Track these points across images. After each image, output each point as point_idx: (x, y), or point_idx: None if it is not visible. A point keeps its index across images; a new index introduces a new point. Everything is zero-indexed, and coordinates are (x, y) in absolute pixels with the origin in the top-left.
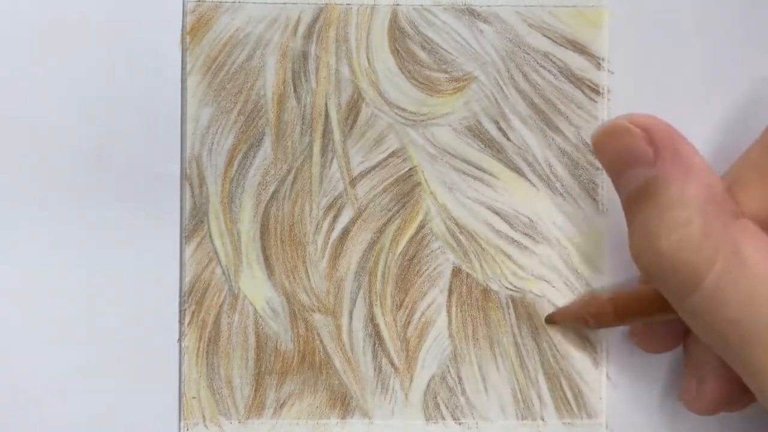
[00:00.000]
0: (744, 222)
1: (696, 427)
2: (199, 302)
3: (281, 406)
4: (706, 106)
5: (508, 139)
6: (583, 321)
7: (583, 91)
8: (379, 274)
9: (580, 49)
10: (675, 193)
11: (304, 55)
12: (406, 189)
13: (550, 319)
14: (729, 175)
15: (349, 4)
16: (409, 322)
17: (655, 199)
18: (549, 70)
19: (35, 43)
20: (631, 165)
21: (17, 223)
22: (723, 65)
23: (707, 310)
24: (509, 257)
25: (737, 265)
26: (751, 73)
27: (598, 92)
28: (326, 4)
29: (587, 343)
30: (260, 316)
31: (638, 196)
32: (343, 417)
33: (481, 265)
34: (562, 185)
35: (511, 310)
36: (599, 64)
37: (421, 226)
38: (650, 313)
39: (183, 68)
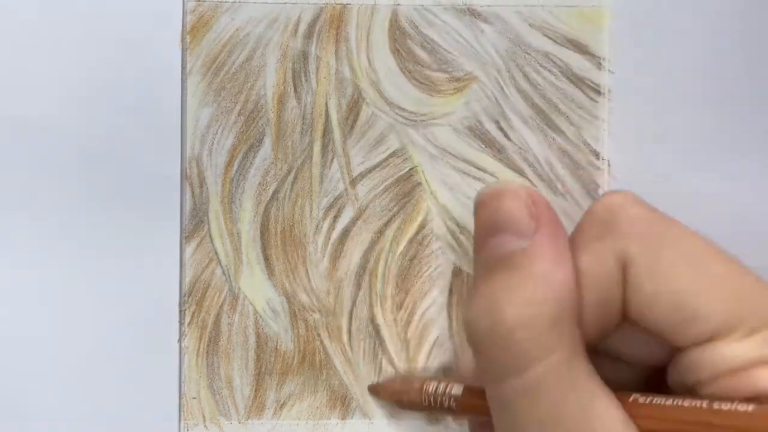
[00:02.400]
0: (582, 341)
1: None
2: (199, 302)
3: (281, 407)
4: (706, 106)
5: (509, 139)
6: (400, 404)
7: (583, 91)
8: (380, 274)
9: (581, 49)
10: (541, 272)
11: (305, 55)
12: (406, 189)
13: (373, 390)
14: None
15: (349, 4)
16: (409, 323)
17: (517, 271)
18: (550, 70)
19: (35, 43)
20: (504, 230)
21: (16, 223)
22: (723, 65)
23: (519, 401)
24: None
25: (567, 370)
26: (751, 73)
27: (598, 92)
28: (326, 3)
29: None
30: (260, 317)
31: (498, 264)
32: (344, 417)
33: None
34: (563, 185)
35: None
36: (600, 64)
37: (422, 227)
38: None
39: (183, 68)
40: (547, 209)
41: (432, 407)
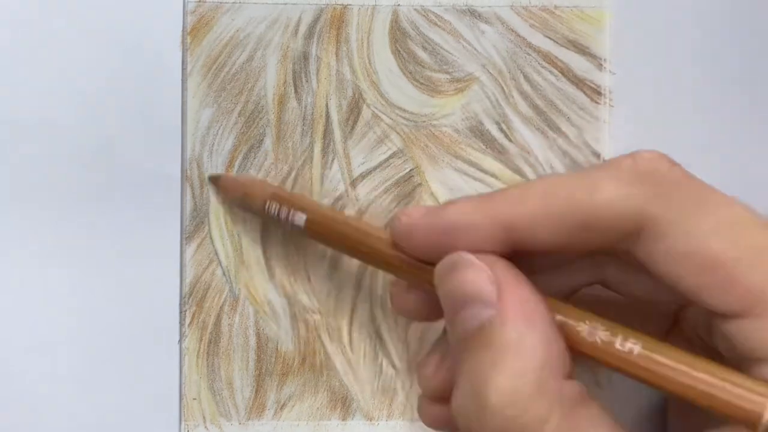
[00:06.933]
0: (574, 385)
1: None
2: (200, 303)
3: (282, 408)
4: (707, 107)
5: (510, 140)
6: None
7: (584, 92)
8: (380, 275)
9: (582, 50)
10: (513, 340)
11: (305, 56)
12: (407, 190)
13: (215, 180)
14: None
15: (350, 5)
16: (410, 324)
17: (490, 343)
18: (550, 71)
19: (36, 44)
20: (469, 303)
21: (17, 224)
22: (723, 66)
23: None
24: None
25: (571, 427)
26: (751, 73)
27: (599, 93)
28: (327, 4)
29: None
30: (261, 318)
31: (470, 340)
32: (344, 418)
33: None
34: None
35: None
36: (601, 65)
37: None
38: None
39: (183, 69)
40: (506, 270)
41: (273, 220)
